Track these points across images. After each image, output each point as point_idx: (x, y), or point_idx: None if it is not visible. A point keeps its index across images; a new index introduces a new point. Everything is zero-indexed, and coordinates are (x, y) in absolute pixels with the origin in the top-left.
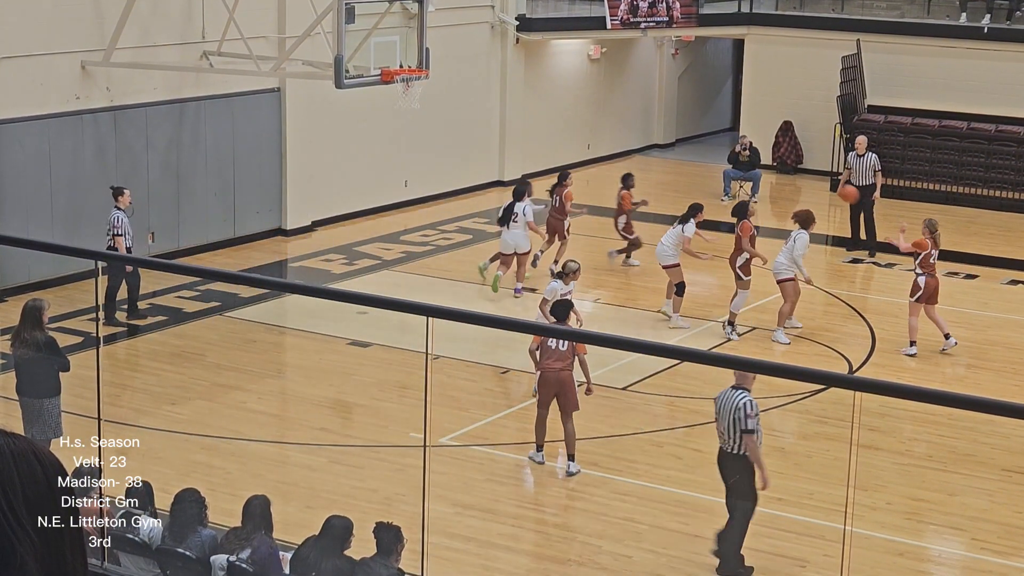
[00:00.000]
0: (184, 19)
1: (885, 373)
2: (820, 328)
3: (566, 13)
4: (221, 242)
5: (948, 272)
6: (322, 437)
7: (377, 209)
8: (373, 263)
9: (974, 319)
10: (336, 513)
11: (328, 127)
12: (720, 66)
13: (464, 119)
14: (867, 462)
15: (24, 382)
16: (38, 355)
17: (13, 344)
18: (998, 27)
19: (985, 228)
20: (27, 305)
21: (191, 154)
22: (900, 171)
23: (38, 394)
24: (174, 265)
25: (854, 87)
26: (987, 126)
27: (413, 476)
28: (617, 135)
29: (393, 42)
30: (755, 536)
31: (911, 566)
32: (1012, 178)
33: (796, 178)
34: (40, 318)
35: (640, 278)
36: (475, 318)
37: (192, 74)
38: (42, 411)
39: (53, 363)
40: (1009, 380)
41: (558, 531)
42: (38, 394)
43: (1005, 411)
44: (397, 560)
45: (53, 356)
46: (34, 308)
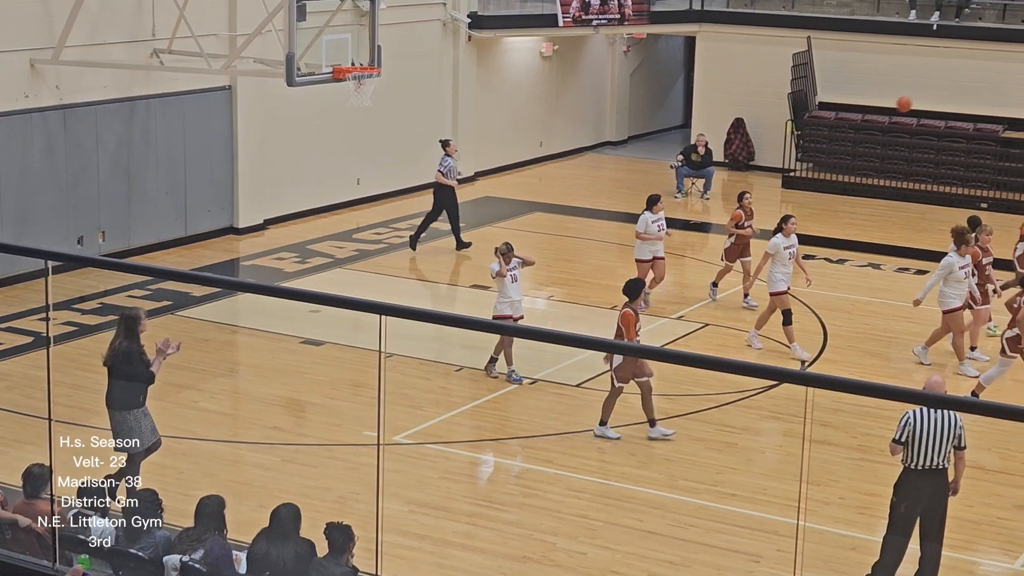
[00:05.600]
0: (134, 17)
1: (837, 369)
2: (772, 324)
3: (518, 11)
4: (172, 241)
5: (899, 268)
6: (275, 436)
7: (329, 207)
8: (326, 261)
9: (926, 314)
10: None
11: (280, 125)
12: (672, 63)
13: (416, 117)
14: (820, 457)
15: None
16: (127, 367)
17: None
18: (947, 24)
19: (935, 224)
20: (123, 314)
21: (142, 153)
22: (851, 167)
23: (124, 406)
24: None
25: (805, 84)
26: (937, 123)
27: (367, 474)
28: (569, 132)
29: (345, 40)
30: (709, 532)
31: (864, 560)
32: (961, 174)
33: (748, 175)
34: (135, 328)
35: (595, 275)
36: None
37: (142, 72)
38: (127, 422)
39: (139, 375)
40: (961, 375)
41: (513, 528)
42: (124, 406)
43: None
44: (350, 559)
45: (139, 367)
46: (130, 318)
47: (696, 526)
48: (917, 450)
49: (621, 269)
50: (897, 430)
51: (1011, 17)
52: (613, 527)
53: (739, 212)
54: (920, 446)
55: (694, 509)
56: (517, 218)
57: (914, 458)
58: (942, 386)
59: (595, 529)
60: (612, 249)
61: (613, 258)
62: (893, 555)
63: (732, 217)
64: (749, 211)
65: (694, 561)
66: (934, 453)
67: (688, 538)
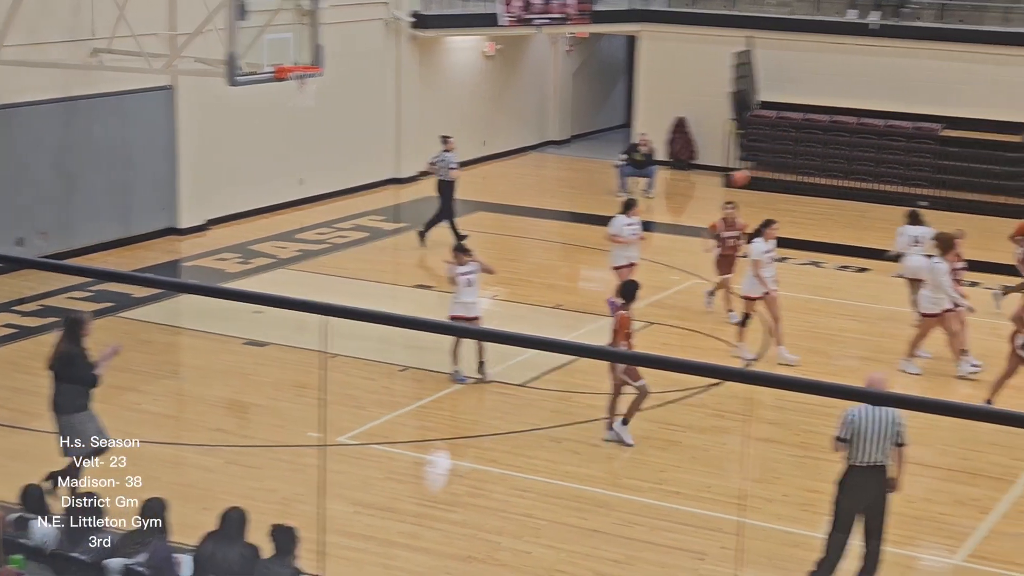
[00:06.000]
0: (72, 16)
1: (780, 367)
2: (716, 322)
3: (460, 10)
4: (114, 242)
5: (840, 266)
6: (218, 438)
7: (272, 207)
8: (269, 262)
9: (866, 312)
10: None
11: (222, 125)
12: (614, 63)
13: (359, 116)
14: (763, 455)
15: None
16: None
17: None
18: (886, 24)
19: (876, 222)
20: (67, 317)
21: (82, 153)
22: (792, 166)
23: (69, 410)
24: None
25: (746, 83)
26: (877, 121)
27: (311, 476)
28: (513, 132)
29: (287, 39)
30: (653, 530)
31: (807, 557)
32: (901, 172)
33: (690, 174)
34: (79, 331)
35: (538, 274)
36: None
37: (82, 72)
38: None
39: (83, 378)
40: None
41: (458, 528)
42: (69, 410)
43: (891, 402)
44: (295, 560)
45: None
46: (73, 321)
47: (640, 524)
48: (859, 447)
49: (564, 268)
50: (839, 427)
51: (949, 17)
52: (558, 526)
53: (717, 222)
54: (862, 443)
55: (638, 507)
56: (461, 217)
57: (856, 455)
58: (884, 383)
59: (540, 528)
60: (555, 248)
61: (556, 257)
62: (836, 551)
63: (709, 227)
64: (730, 222)
65: (639, 559)
66: (875, 450)
67: (633, 536)
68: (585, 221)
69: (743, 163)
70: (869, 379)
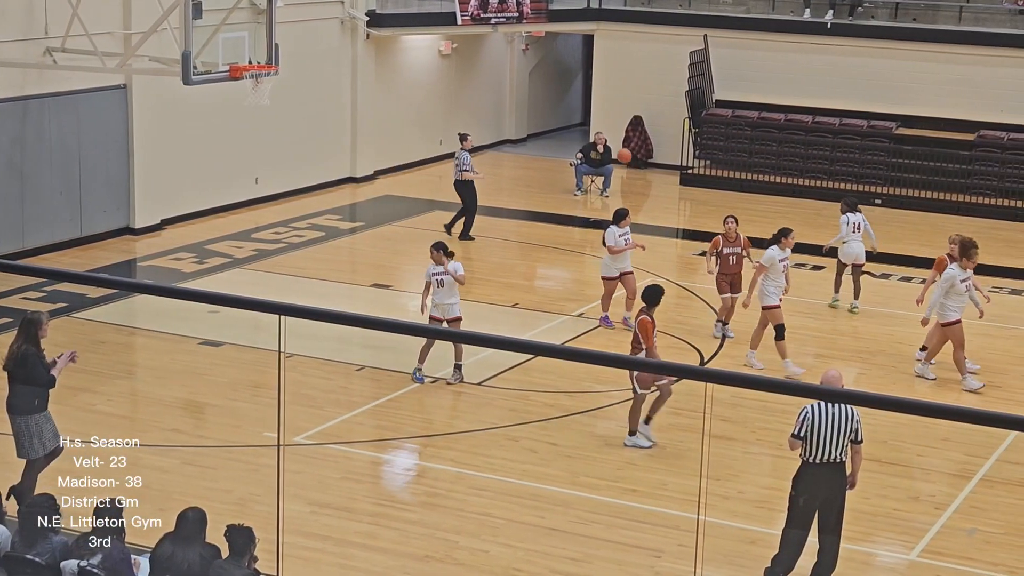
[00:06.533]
0: (25, 14)
1: (736, 365)
2: (672, 320)
3: (416, 8)
4: (68, 242)
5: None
6: (174, 438)
7: (228, 207)
8: (224, 261)
9: (822, 310)
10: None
11: (176, 124)
12: (571, 61)
13: (315, 115)
14: (719, 452)
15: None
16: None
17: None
18: (841, 23)
19: (831, 220)
20: (24, 317)
21: (35, 152)
22: (747, 164)
23: (24, 411)
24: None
25: (702, 82)
26: (831, 120)
27: (268, 476)
28: (469, 130)
29: (242, 38)
30: (611, 528)
31: (764, 554)
32: (856, 171)
33: (647, 172)
34: (35, 332)
35: (496, 273)
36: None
37: (35, 71)
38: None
39: (39, 379)
40: (856, 368)
41: (415, 527)
42: (24, 411)
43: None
44: (251, 561)
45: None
46: (30, 321)
47: (598, 522)
48: (815, 444)
49: (521, 267)
50: (796, 425)
51: (903, 16)
52: (515, 524)
53: (717, 238)
54: (818, 440)
55: (595, 505)
56: (417, 216)
57: (812, 452)
58: (839, 380)
59: (497, 527)
60: (512, 247)
61: (513, 256)
62: (792, 548)
63: (712, 244)
64: (731, 237)
65: (596, 557)
66: (832, 447)
67: (590, 534)
68: (542, 220)
69: (699, 161)
70: (825, 376)
